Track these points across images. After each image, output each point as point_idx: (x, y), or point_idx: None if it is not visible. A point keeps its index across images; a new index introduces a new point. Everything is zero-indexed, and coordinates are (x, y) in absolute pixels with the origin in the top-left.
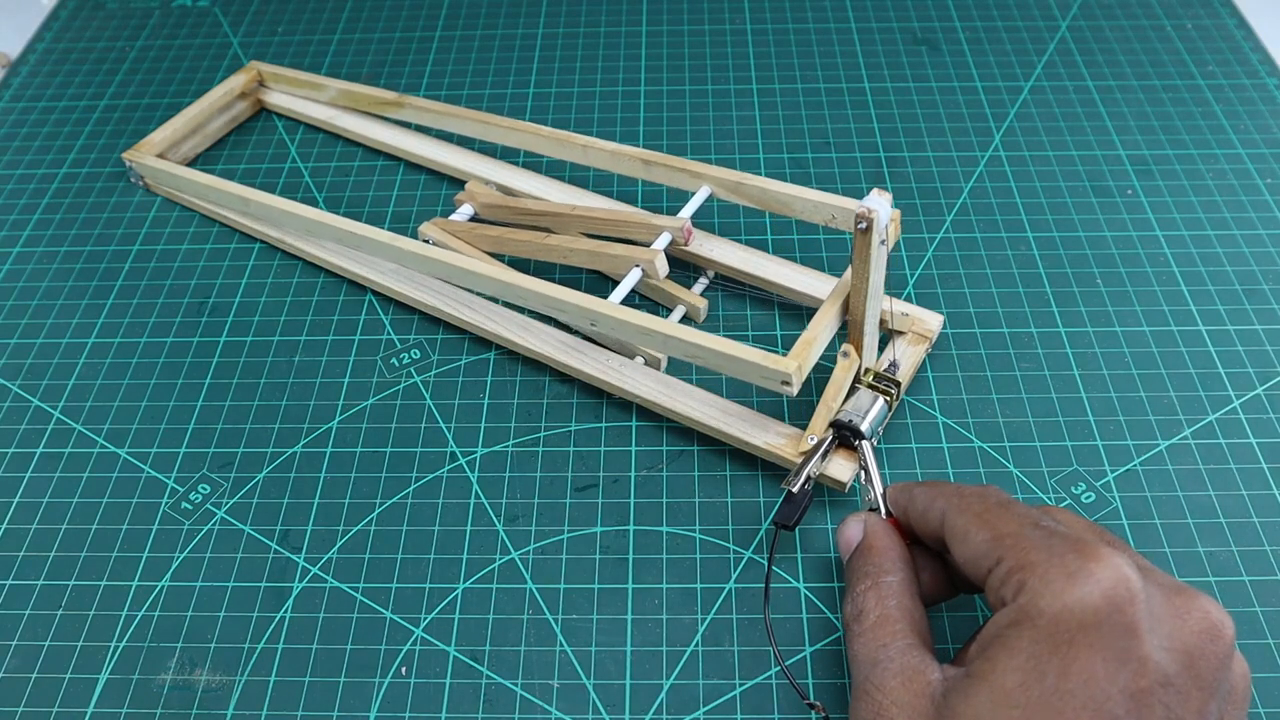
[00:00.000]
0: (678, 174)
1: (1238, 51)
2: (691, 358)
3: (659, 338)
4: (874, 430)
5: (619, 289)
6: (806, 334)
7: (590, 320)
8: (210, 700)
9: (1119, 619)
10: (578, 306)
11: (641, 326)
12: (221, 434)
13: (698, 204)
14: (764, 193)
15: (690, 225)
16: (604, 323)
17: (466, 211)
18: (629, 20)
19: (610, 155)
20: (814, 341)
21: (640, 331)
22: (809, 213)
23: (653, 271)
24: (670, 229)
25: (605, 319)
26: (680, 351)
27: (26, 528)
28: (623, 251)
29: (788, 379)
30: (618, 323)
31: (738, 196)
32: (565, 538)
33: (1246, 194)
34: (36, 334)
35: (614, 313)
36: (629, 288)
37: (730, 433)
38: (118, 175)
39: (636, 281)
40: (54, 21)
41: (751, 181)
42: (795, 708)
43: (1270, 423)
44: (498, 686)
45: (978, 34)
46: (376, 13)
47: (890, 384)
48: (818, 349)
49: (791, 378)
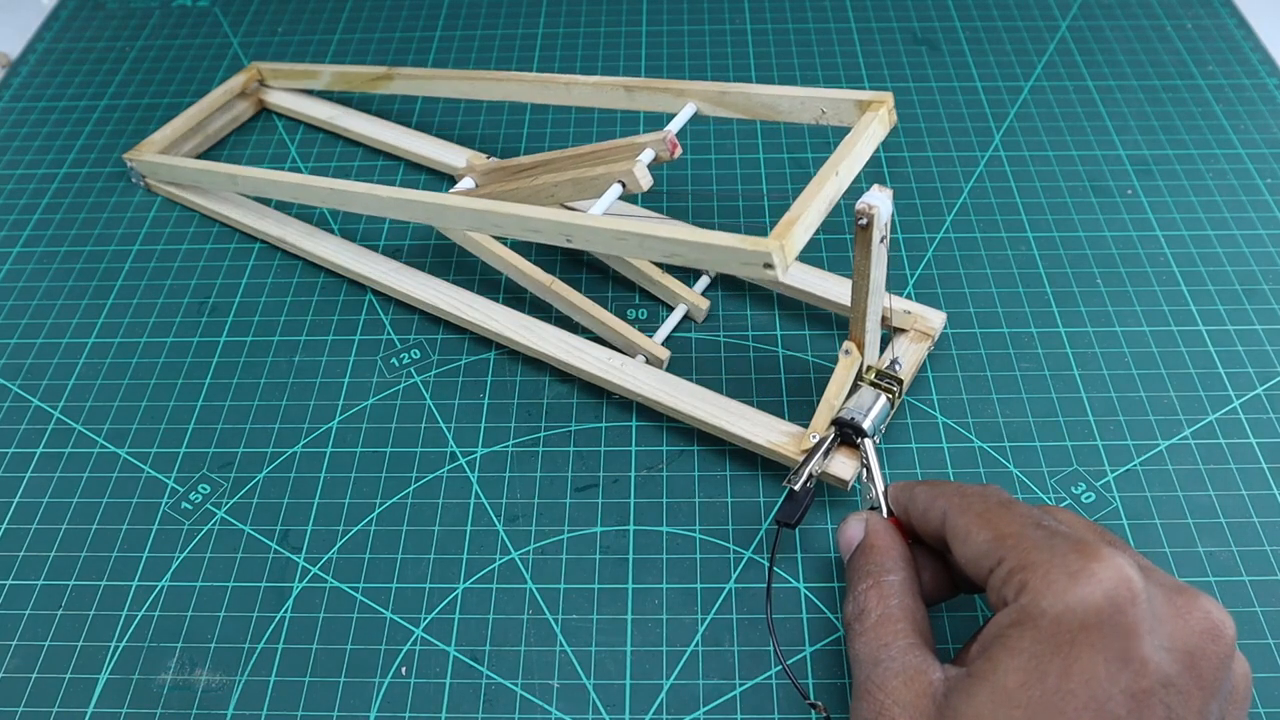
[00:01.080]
0: (660, 95)
1: (1238, 51)
2: (669, 256)
3: (634, 239)
4: (876, 428)
5: (599, 203)
6: (790, 214)
7: (566, 235)
8: (210, 700)
9: (1120, 619)
10: (551, 221)
11: (617, 230)
12: (221, 434)
13: (683, 121)
14: (748, 98)
15: (675, 138)
16: (579, 235)
17: (468, 184)
18: (629, 20)
19: (593, 88)
20: (797, 222)
21: (615, 236)
22: (796, 112)
23: (633, 183)
24: (653, 144)
25: (579, 229)
26: (659, 251)
27: (26, 528)
28: (602, 170)
29: (769, 260)
30: (592, 231)
31: (723, 108)
32: (565, 538)
33: (1246, 194)
34: (36, 334)
35: (587, 221)
36: (608, 203)
37: (732, 431)
38: (118, 175)
39: (617, 197)
40: (54, 21)
41: (736, 89)
42: (795, 708)
43: (1270, 423)
44: (498, 686)
45: (978, 34)
46: (376, 13)
47: (892, 382)
48: (803, 231)
49: (773, 259)
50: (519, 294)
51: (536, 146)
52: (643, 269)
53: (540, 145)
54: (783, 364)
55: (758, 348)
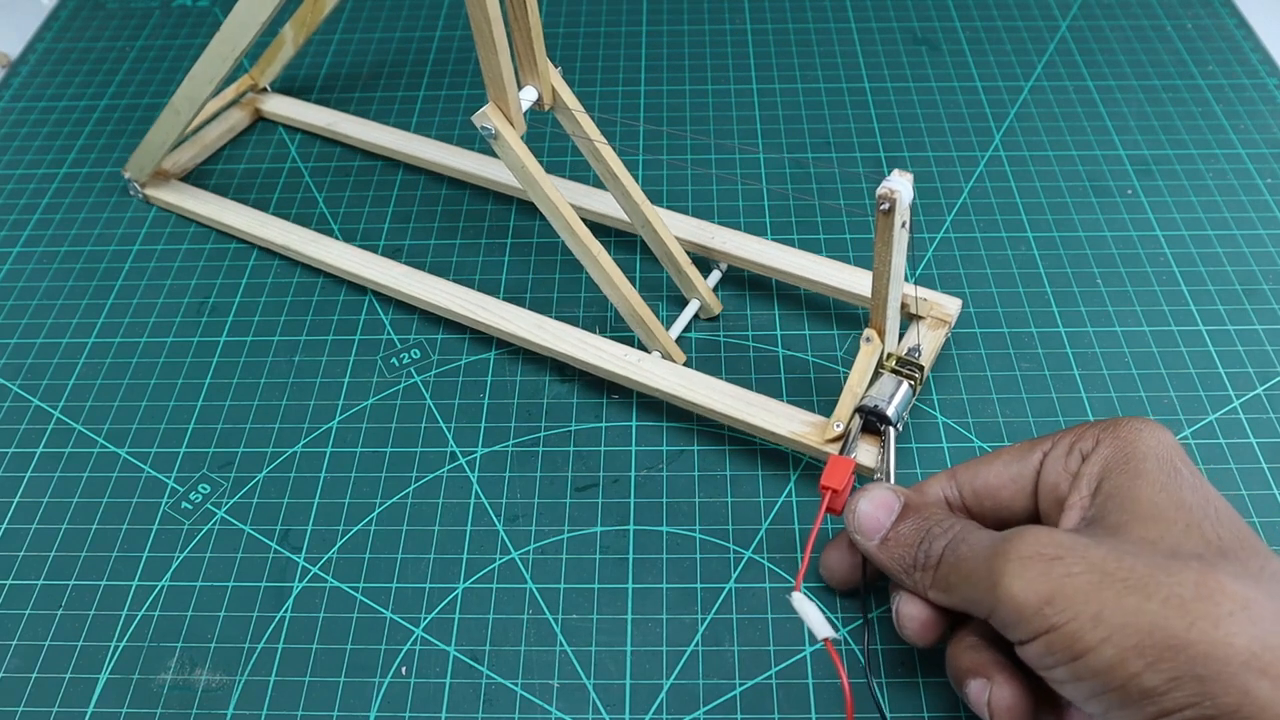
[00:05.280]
0: None
1: (1238, 51)
2: None
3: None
4: (899, 415)
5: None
6: None
7: None
8: (210, 700)
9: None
10: None
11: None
12: (221, 434)
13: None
14: None
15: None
16: None
17: None
18: (629, 20)
19: None
20: None
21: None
22: None
23: None
24: None
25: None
26: None
27: (26, 528)
28: None
29: None
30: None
31: None
32: (565, 538)
33: (1246, 194)
34: (36, 334)
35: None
36: None
37: (753, 423)
38: (118, 175)
39: None
40: (54, 21)
41: None
42: (796, 707)
43: (1270, 423)
44: (498, 686)
45: (978, 34)
46: (376, 13)
47: (914, 368)
48: None
49: None
50: (519, 294)
51: (535, 147)
52: (673, 252)
53: (540, 144)
54: (783, 363)
55: (758, 347)
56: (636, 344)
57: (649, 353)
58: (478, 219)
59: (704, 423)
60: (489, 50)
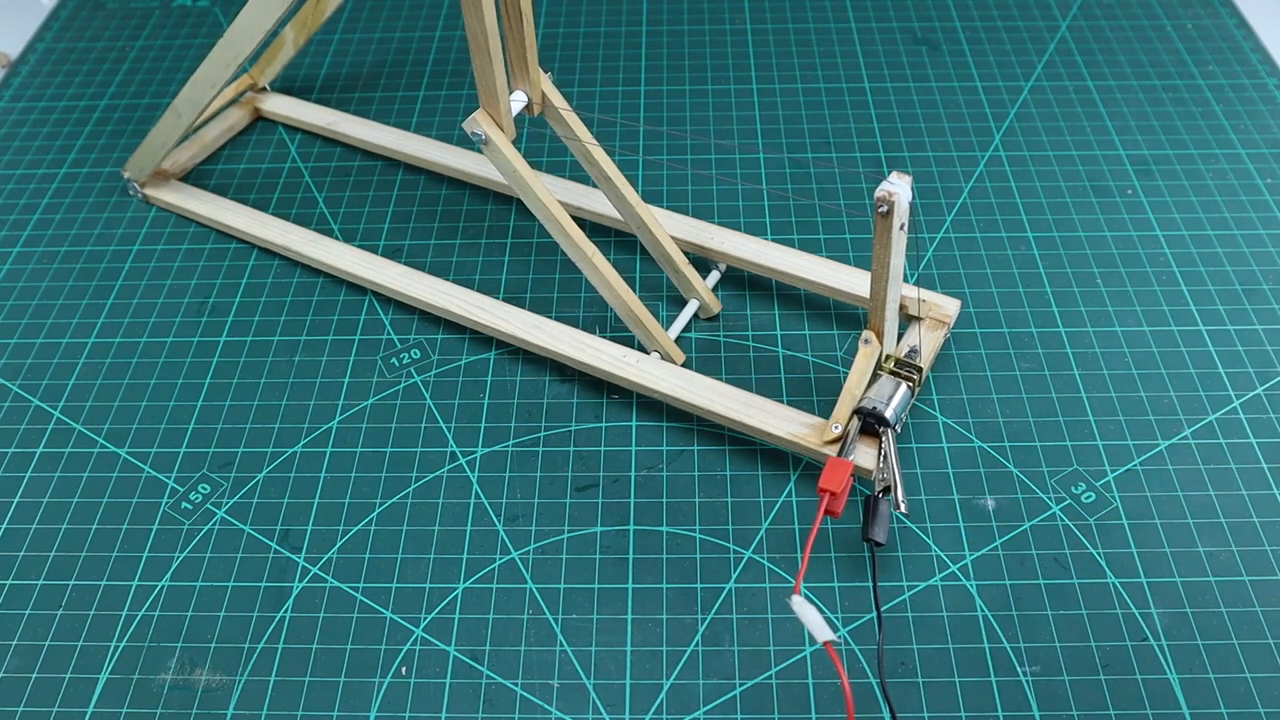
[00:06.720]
0: None
1: (1238, 51)
2: None
3: None
4: (898, 416)
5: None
6: None
7: None
8: (210, 700)
9: None
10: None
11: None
12: (221, 434)
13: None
14: None
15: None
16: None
17: None
18: (629, 20)
19: None
20: None
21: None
22: None
23: None
24: None
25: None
26: None
27: (26, 528)
28: None
29: None
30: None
31: None
32: (565, 538)
33: (1246, 194)
34: (36, 334)
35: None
36: None
37: (752, 424)
38: (118, 175)
39: None
40: (54, 21)
41: None
42: (796, 708)
43: (1270, 423)
44: (498, 686)
45: (978, 34)
46: (376, 13)
47: (912, 370)
48: None
49: None
50: (519, 295)
51: (535, 148)
52: (670, 253)
53: (541, 144)
54: (783, 364)
55: (758, 347)
56: (636, 344)
57: (648, 353)
58: (478, 219)
59: (704, 423)
60: (484, 60)
